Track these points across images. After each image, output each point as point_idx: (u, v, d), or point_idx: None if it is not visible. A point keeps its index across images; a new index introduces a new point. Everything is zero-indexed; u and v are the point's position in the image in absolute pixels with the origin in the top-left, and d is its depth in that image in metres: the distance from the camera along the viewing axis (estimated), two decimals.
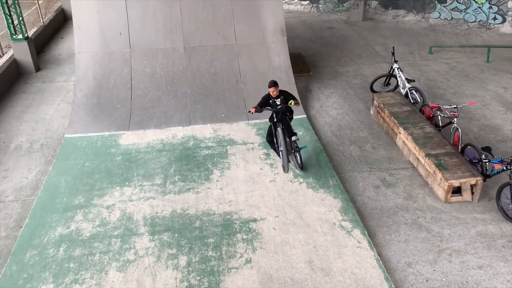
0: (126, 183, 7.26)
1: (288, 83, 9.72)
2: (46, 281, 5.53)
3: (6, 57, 11.15)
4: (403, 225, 6.52)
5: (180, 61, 9.65)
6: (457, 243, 6.13)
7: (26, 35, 11.29)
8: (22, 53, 11.18)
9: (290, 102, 7.20)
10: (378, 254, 5.94)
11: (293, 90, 9.66)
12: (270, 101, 7.36)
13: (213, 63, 9.72)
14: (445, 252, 6.03)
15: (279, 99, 7.34)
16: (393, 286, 5.44)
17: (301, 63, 11.52)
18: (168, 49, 9.66)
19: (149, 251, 5.96)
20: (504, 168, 6.56)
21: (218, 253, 5.93)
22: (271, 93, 7.27)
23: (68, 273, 5.64)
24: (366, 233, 6.25)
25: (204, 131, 8.74)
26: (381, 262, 5.79)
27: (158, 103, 9.22)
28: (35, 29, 13.09)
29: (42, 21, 13.70)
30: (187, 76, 9.54)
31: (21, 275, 5.61)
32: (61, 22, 15.24)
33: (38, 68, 11.55)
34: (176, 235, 6.23)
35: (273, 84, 7.22)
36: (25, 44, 11.16)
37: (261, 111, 7.31)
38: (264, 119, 9.05)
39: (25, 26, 11.37)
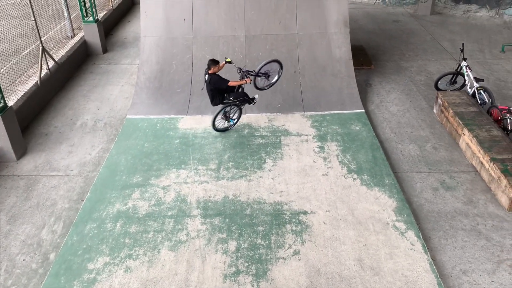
0: (182, 165, 7.45)
1: (348, 76, 9.52)
2: (103, 253, 5.82)
3: (77, 38, 11.75)
4: (460, 230, 6.23)
5: (240, 49, 9.70)
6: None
7: (96, 17, 11.81)
8: (92, 35, 11.72)
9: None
10: (432, 259, 5.72)
11: (352, 83, 9.47)
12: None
13: (272, 52, 9.68)
14: (505, 263, 5.70)
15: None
16: None
17: (363, 56, 11.21)
18: (229, 37, 9.74)
19: (200, 234, 6.11)
20: None
21: (267, 242, 5.97)
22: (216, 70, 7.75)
23: (123, 248, 5.91)
24: (421, 236, 6.03)
25: (259, 120, 8.77)
26: (434, 267, 5.58)
27: None
28: (105, 12, 13.67)
29: (111, 5, 14.27)
30: (246, 64, 9.57)
31: (81, 246, 5.95)
32: (128, 6, 15.80)
33: (105, 50, 12.07)
34: (227, 220, 6.33)
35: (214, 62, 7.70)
36: (95, 26, 11.68)
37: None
38: (320, 111, 8.94)
39: (96, 9, 11.89)
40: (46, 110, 9.22)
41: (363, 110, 9.01)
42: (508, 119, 7.68)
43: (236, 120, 8.49)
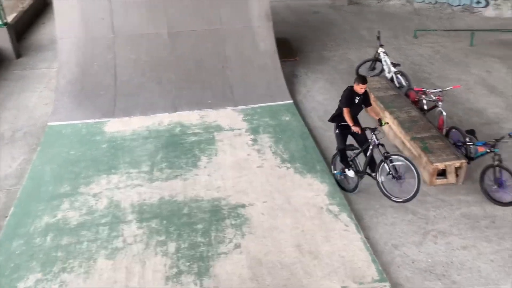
0: (113, 170, 7.19)
1: (275, 69, 9.70)
2: (34, 270, 5.48)
3: None
4: (389, 208, 6.61)
5: (164, 47, 9.52)
6: (442, 225, 6.24)
7: (5, 21, 10.98)
8: (1, 39, 10.89)
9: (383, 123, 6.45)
10: (365, 237, 6.02)
11: (279, 76, 9.65)
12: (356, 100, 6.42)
13: (198, 49, 9.60)
14: (431, 233, 6.14)
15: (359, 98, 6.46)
16: (380, 267, 5.54)
17: (287, 48, 11.46)
18: (152, 35, 9.51)
19: (138, 238, 5.95)
20: (488, 150, 6.67)
21: (207, 239, 5.95)
22: (359, 90, 6.36)
23: (56, 261, 5.60)
24: (353, 217, 6.32)
25: (190, 117, 8.68)
26: (368, 245, 5.88)
27: (143, 89, 9.10)
28: (15, 14, 12.73)
29: (21, 6, 13.32)
30: (171, 62, 9.42)
31: (8, 265, 5.55)
32: (41, 7, 14.84)
33: (19, 55, 11.27)
34: (164, 221, 6.21)
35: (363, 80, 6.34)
36: (4, 30, 10.86)
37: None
38: (252, 104, 9.03)
39: (3, 11, 11.05)
40: None
41: (292, 101, 9.23)
42: (424, 100, 8.24)
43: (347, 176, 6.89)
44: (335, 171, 7.00)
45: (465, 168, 6.89)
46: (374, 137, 6.26)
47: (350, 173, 6.75)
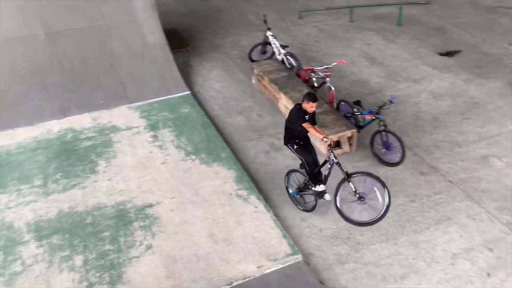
0: (0, 190, 6.54)
1: (167, 61, 9.48)
2: None
3: None
4: (294, 184, 6.88)
5: (43, 49, 8.79)
6: (342, 192, 6.64)
7: None
8: None
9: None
10: (275, 215, 6.22)
11: (173, 68, 9.46)
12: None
13: (82, 47, 9.03)
14: (332, 202, 6.51)
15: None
16: (291, 241, 5.77)
17: (178, 39, 11.26)
18: (27, 37, 8.71)
19: (39, 258, 5.51)
20: (373, 118, 7.22)
21: (116, 246, 5.71)
22: (309, 108, 5.90)
23: None
24: (262, 198, 6.49)
25: (82, 121, 8.17)
26: (278, 222, 6.08)
27: (25, 97, 8.35)
28: None
29: None
30: (54, 65, 8.74)
31: None
32: None
33: None
34: (67, 235, 5.83)
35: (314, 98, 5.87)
36: None
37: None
38: (147, 100, 8.76)
39: None
40: None
41: (189, 92, 9.12)
42: (313, 78, 8.65)
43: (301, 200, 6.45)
44: (291, 191, 6.44)
45: (356, 136, 7.40)
46: (332, 155, 5.80)
47: (321, 187, 6.09)
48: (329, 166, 5.95)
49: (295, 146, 6.14)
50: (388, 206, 5.57)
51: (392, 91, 9.13)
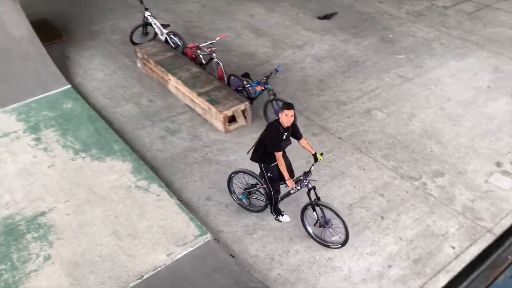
0: None
1: (39, 55, 8.68)
2: None
3: None
4: (195, 165, 6.83)
5: None
6: (243, 165, 6.73)
7: None
8: None
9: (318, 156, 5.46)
10: (178, 200, 6.13)
11: (47, 61, 8.69)
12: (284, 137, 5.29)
13: None
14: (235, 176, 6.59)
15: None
16: (198, 223, 5.74)
17: (50, 29, 10.34)
18: None
19: None
20: (263, 88, 7.34)
21: (9, 263, 5.23)
22: (285, 120, 5.13)
23: None
24: (163, 184, 6.33)
25: None
26: (183, 206, 6.00)
27: None
28: None
29: None
30: None
31: None
32: None
33: None
34: None
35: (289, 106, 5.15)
36: None
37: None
38: (23, 100, 7.97)
39: None
40: None
41: (70, 86, 8.46)
42: (200, 55, 8.52)
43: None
44: (240, 196, 6.07)
45: (250, 109, 7.50)
46: (307, 182, 5.37)
47: (286, 219, 5.88)
48: (298, 189, 5.52)
49: (269, 174, 5.49)
50: (345, 241, 5.42)
51: (279, 60, 9.36)
